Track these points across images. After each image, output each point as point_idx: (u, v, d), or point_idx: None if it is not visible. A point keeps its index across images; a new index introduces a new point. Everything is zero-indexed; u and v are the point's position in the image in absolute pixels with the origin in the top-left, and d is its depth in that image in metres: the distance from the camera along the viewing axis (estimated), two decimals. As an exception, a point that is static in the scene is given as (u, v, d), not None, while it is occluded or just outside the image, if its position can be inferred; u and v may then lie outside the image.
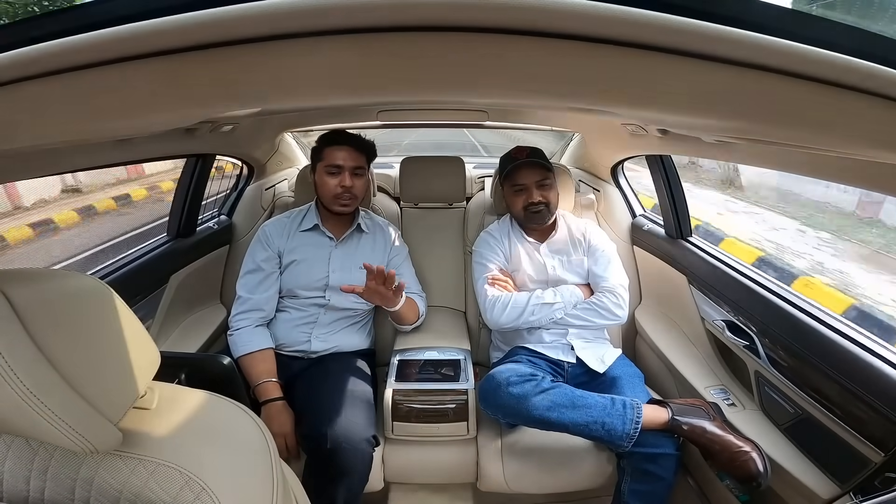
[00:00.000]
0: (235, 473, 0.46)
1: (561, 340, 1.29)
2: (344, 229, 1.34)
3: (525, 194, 1.30)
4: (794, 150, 0.66)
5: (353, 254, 1.32)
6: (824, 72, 0.35)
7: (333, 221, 1.33)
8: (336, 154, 1.25)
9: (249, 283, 1.26)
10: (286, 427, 1.08)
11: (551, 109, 1.36)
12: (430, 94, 0.44)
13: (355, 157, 1.26)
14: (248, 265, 1.28)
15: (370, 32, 0.35)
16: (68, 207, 5.66)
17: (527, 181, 1.30)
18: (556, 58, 0.37)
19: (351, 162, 1.25)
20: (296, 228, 1.32)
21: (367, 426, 1.06)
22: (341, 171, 1.25)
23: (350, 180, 1.25)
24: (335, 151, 1.25)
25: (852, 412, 0.84)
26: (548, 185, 1.30)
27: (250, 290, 1.25)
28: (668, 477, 1.03)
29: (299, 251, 1.29)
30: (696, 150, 1.00)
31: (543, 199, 1.29)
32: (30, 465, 0.45)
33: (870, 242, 4.58)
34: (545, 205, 1.29)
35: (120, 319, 0.45)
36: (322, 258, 1.29)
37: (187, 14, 0.32)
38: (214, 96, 0.44)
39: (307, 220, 1.33)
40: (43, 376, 0.37)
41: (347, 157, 1.25)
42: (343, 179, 1.24)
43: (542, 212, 1.30)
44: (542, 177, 1.29)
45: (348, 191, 1.25)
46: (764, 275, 1.17)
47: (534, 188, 1.29)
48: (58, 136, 0.56)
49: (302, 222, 1.33)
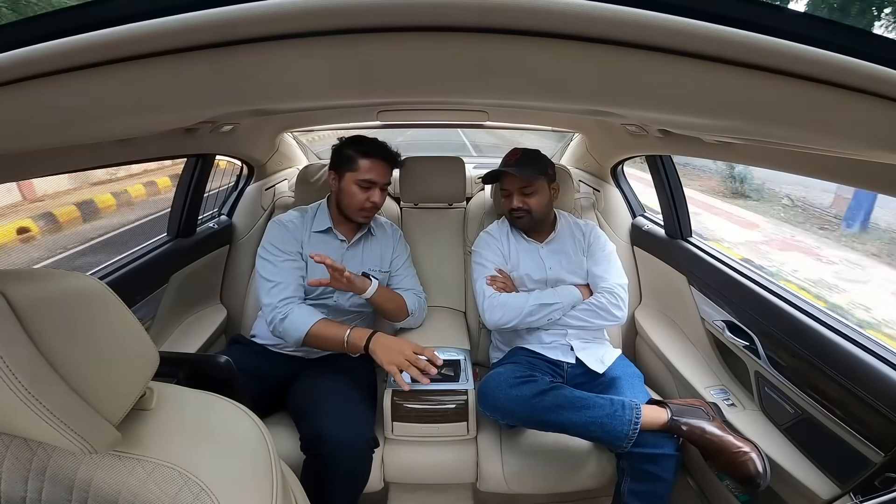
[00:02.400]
0: (234, 474, 0.46)
1: (560, 341, 1.29)
2: (354, 232, 1.33)
3: (510, 199, 1.31)
4: (794, 150, 0.66)
5: (362, 256, 1.32)
6: (824, 72, 0.35)
7: (345, 224, 1.32)
8: (372, 169, 1.21)
9: (282, 269, 1.20)
10: (404, 343, 1.11)
11: (551, 109, 1.36)
12: (430, 94, 0.44)
13: (387, 173, 1.24)
14: (273, 253, 1.21)
15: (370, 32, 0.35)
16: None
17: (510, 187, 1.30)
18: (556, 58, 0.37)
19: (384, 178, 1.23)
20: (309, 228, 1.30)
21: (367, 427, 1.06)
22: (373, 187, 1.22)
23: (379, 196, 1.23)
24: (371, 166, 1.21)
25: (852, 412, 0.84)
26: (530, 192, 1.28)
27: (284, 276, 1.19)
28: (667, 477, 1.03)
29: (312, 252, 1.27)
30: (697, 150, 1.00)
31: (524, 206, 1.28)
32: (28, 465, 0.45)
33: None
34: (526, 212, 1.29)
35: (119, 319, 0.45)
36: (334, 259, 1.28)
37: (188, 14, 0.32)
38: (214, 96, 0.44)
39: (319, 221, 1.31)
40: (41, 376, 0.37)
41: (382, 173, 1.22)
42: (373, 195, 1.22)
43: (523, 218, 1.30)
44: (524, 184, 1.28)
45: (376, 206, 1.24)
46: (764, 275, 1.17)
47: (516, 194, 1.29)
48: (58, 136, 0.56)
49: (314, 222, 1.31)
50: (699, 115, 0.44)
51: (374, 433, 1.07)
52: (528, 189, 1.28)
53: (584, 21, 0.32)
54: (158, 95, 0.43)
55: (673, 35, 0.33)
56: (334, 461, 0.98)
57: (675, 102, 0.42)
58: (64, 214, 4.84)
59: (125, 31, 0.33)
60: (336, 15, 0.32)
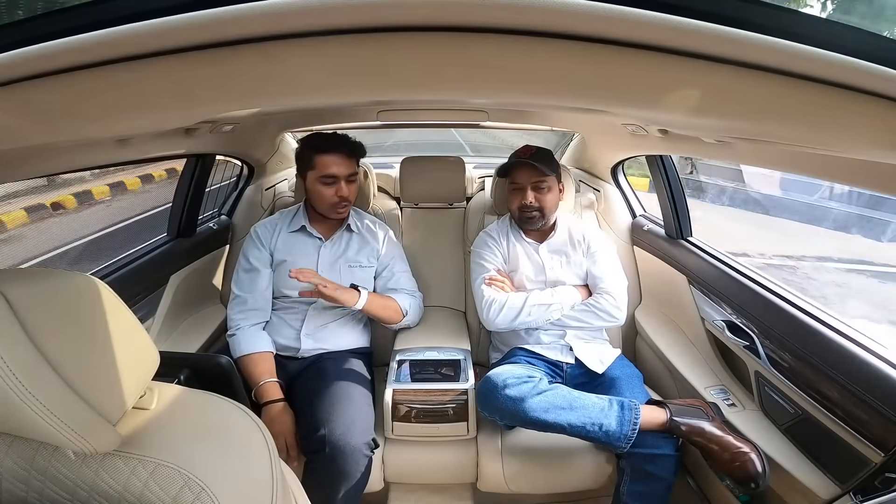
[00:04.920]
0: (235, 473, 0.46)
1: (559, 341, 1.29)
2: (333, 229, 1.34)
3: (521, 194, 1.30)
4: (794, 150, 0.66)
5: (341, 253, 1.32)
6: (824, 72, 0.35)
7: (323, 222, 1.33)
8: (329, 163, 1.21)
9: (244, 281, 1.26)
10: (287, 428, 1.07)
11: (551, 109, 1.36)
12: (430, 94, 0.44)
13: (348, 164, 1.24)
14: (243, 264, 1.28)
15: (371, 32, 0.35)
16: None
17: (523, 181, 1.28)
18: (556, 58, 0.37)
19: (345, 170, 1.23)
20: (284, 229, 1.32)
21: (366, 429, 1.06)
22: (336, 181, 1.22)
23: (346, 189, 1.23)
24: (327, 160, 1.21)
25: (852, 412, 0.84)
26: (544, 188, 1.27)
27: (246, 288, 1.25)
28: (667, 477, 1.03)
29: (287, 251, 1.29)
30: (696, 150, 1.00)
31: (537, 203, 1.27)
32: (29, 465, 0.45)
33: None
34: (538, 209, 1.28)
35: (119, 319, 0.45)
36: (310, 257, 1.29)
37: (188, 14, 0.32)
38: (215, 96, 0.44)
39: (296, 220, 1.33)
40: (41, 376, 0.37)
41: (341, 165, 1.22)
42: (339, 189, 1.22)
43: (534, 216, 1.29)
44: (538, 179, 1.27)
45: (345, 199, 1.24)
46: (764, 275, 1.17)
47: (529, 189, 1.28)
48: (58, 136, 0.56)
49: (291, 223, 1.33)
50: (699, 115, 0.44)
51: (373, 434, 1.07)
52: (543, 185, 1.27)
53: (584, 20, 0.32)
54: (158, 95, 0.43)
55: (673, 34, 0.33)
56: (333, 464, 0.98)
57: (675, 102, 0.42)
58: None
59: (125, 31, 0.33)
60: (336, 14, 0.32)
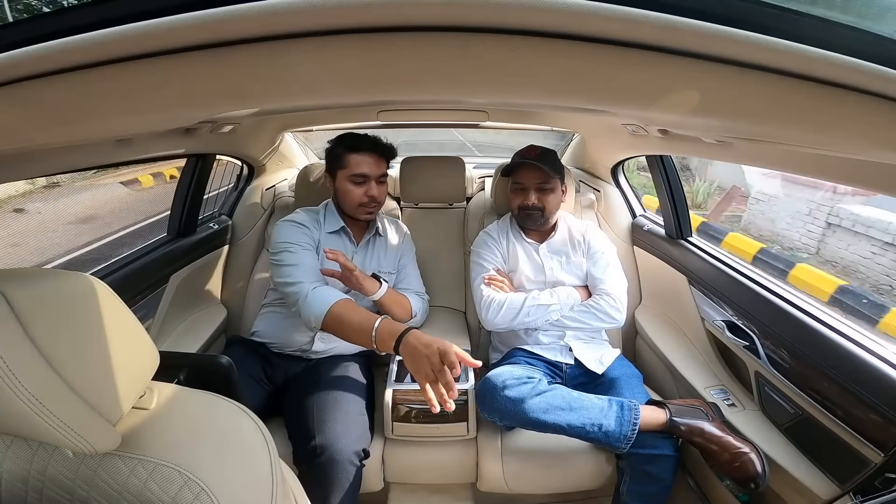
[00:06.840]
0: (234, 474, 0.46)
1: (559, 342, 1.29)
2: (363, 232, 1.33)
3: (523, 195, 1.30)
4: (793, 150, 0.66)
5: (371, 256, 1.32)
6: (824, 72, 0.35)
7: (353, 226, 1.31)
8: (361, 163, 1.20)
9: (303, 256, 1.15)
10: (440, 342, 0.87)
11: (551, 109, 1.36)
12: (430, 94, 0.44)
13: (380, 165, 1.23)
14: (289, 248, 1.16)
15: (370, 32, 0.35)
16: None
17: (526, 181, 1.29)
18: (556, 58, 0.37)
19: (377, 171, 1.22)
20: (323, 228, 1.28)
21: (359, 438, 1.04)
22: (367, 181, 1.21)
23: (376, 190, 1.22)
24: (360, 160, 1.20)
25: (852, 412, 0.84)
26: (548, 189, 1.28)
27: (306, 259, 1.15)
28: (667, 478, 1.03)
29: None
30: (696, 150, 1.00)
31: (539, 203, 1.28)
32: (28, 465, 0.45)
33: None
34: (540, 210, 1.28)
35: (119, 319, 0.45)
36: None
37: (188, 14, 0.32)
38: (214, 96, 0.44)
39: (329, 222, 1.29)
40: (41, 377, 0.37)
41: (374, 165, 1.21)
42: (369, 189, 1.21)
43: (535, 216, 1.29)
44: (542, 180, 1.27)
45: (374, 200, 1.23)
46: (764, 275, 1.17)
47: (532, 190, 1.28)
48: (58, 136, 0.56)
49: (325, 223, 1.29)
50: (699, 115, 0.44)
51: (366, 444, 1.05)
52: (546, 186, 1.28)
53: (584, 20, 0.32)
54: (158, 95, 0.43)
55: (673, 34, 0.33)
56: (324, 474, 0.98)
57: (676, 102, 0.42)
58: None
59: (125, 31, 0.33)
60: (336, 14, 0.32)
